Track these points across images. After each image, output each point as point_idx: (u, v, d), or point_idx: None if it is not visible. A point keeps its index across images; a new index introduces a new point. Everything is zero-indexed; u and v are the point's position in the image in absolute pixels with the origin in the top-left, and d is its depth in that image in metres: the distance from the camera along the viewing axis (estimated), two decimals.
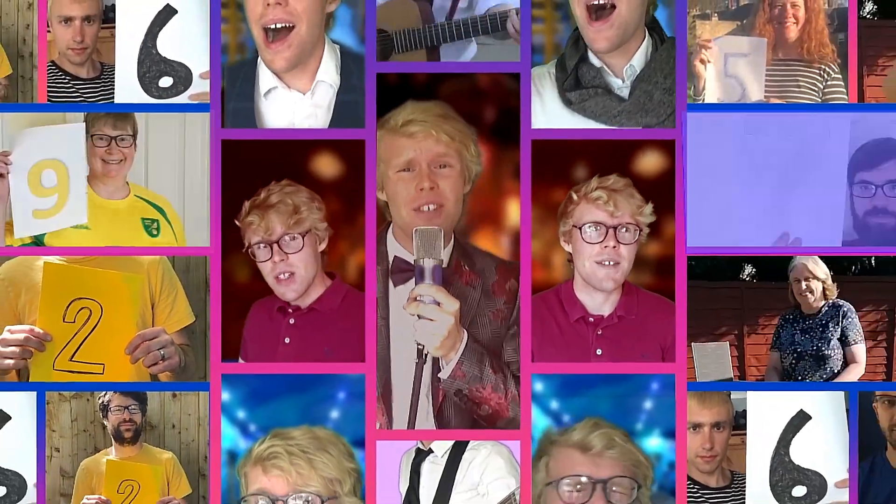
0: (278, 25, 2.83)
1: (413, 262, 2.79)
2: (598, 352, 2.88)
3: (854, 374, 3.01)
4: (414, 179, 2.81)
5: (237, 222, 2.90)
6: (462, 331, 2.78)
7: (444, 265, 2.81)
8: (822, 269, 3.00)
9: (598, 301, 2.89)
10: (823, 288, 3.01)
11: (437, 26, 2.99)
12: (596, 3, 2.84)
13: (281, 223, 2.85)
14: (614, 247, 2.83)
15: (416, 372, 2.78)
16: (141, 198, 3.04)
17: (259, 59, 2.93)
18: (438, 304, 2.73)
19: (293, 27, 2.83)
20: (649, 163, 2.91)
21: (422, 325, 2.72)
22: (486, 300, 2.88)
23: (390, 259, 2.89)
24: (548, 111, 2.95)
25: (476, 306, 2.87)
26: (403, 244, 2.87)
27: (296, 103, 2.93)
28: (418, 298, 2.72)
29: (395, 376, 2.89)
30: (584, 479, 2.72)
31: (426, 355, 2.78)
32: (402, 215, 2.82)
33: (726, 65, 3.00)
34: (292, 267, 2.87)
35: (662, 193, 2.90)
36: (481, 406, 2.81)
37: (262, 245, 2.87)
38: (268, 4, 2.82)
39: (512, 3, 3.02)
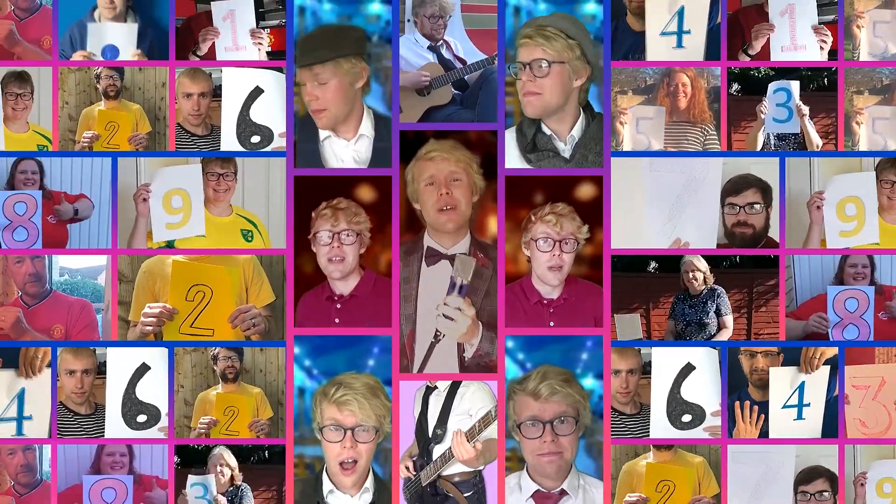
0: (315, 107, 3.19)
1: (449, 263, 3.13)
2: (551, 324, 3.21)
3: (724, 335, 3.27)
4: (436, 189, 3.13)
5: (313, 214, 3.17)
6: (479, 325, 3.13)
7: (466, 253, 3.14)
8: (703, 264, 3.25)
9: (548, 289, 3.22)
10: (704, 277, 3.25)
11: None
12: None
13: (346, 220, 3.17)
14: (559, 254, 3.17)
15: (429, 346, 3.16)
16: (240, 215, 3.28)
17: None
18: (460, 309, 3.10)
19: (325, 109, 3.19)
20: (586, 191, 3.25)
21: (445, 321, 3.10)
22: (496, 277, 3.20)
23: (425, 249, 3.19)
24: (511, 164, 3.23)
25: (490, 281, 3.20)
26: (434, 238, 3.20)
27: (343, 147, 3.24)
28: (447, 303, 3.09)
29: (418, 331, 3.18)
30: (534, 422, 3.13)
31: (442, 337, 3.13)
32: (431, 216, 3.14)
33: (637, 126, 3.26)
34: (344, 253, 3.17)
35: (594, 212, 3.23)
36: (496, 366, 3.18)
37: (328, 232, 3.15)
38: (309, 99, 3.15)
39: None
